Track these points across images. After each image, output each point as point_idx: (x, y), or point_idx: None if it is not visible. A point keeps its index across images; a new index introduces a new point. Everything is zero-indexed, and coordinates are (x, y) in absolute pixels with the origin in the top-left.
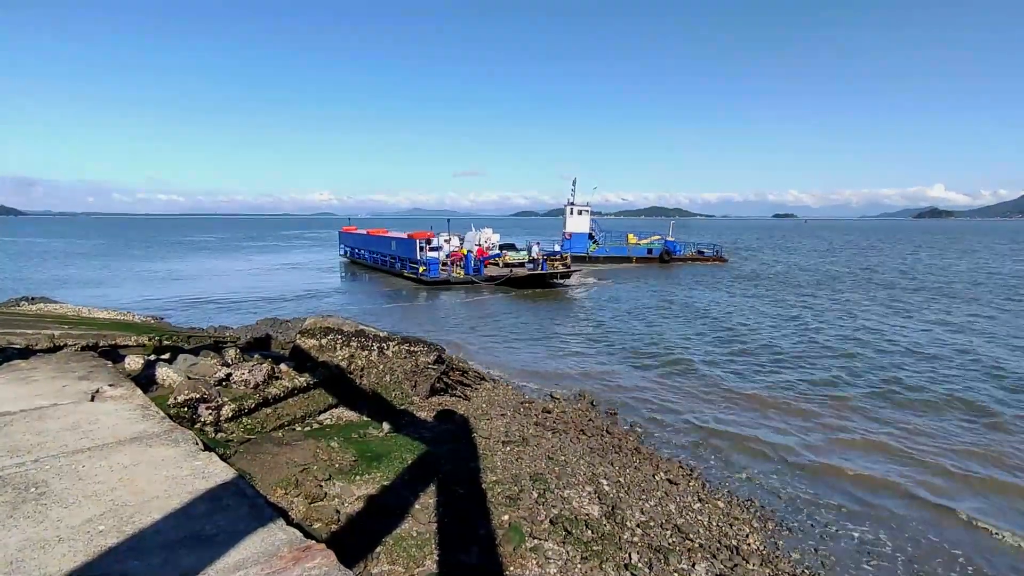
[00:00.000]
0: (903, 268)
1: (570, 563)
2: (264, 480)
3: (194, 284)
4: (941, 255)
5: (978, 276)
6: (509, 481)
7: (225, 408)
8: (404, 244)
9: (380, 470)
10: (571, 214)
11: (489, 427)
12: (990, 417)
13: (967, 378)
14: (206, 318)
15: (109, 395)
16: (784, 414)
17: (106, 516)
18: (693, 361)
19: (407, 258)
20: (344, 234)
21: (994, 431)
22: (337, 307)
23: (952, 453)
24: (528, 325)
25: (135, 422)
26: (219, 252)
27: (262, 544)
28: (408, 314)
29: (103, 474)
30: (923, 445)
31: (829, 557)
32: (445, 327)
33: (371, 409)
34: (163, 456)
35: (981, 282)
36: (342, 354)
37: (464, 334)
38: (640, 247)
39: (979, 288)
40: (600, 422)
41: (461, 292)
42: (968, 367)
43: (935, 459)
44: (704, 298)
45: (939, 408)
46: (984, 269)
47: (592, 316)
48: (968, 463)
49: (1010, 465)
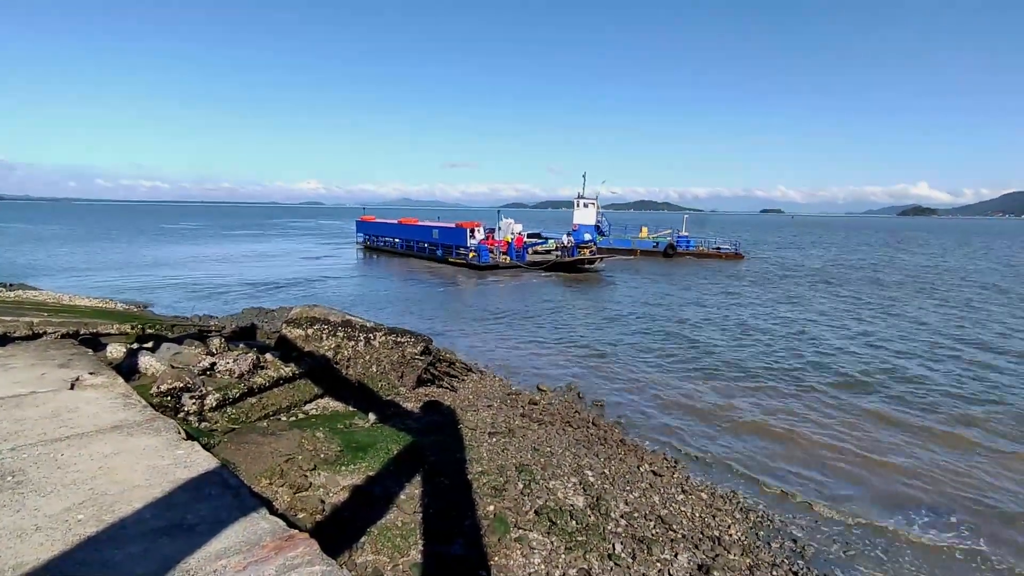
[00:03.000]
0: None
1: (554, 553)
2: (248, 470)
3: (179, 272)
4: (974, 255)
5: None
6: (495, 472)
7: (209, 398)
8: (452, 232)
9: (366, 461)
10: (579, 207)
11: (476, 418)
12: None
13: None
14: (192, 307)
15: (89, 383)
16: (774, 407)
17: (85, 505)
18: (680, 354)
19: (455, 245)
20: (362, 223)
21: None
22: (396, 288)
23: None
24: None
25: (116, 411)
26: (215, 240)
27: (244, 533)
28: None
29: (83, 463)
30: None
31: (809, 546)
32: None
33: (357, 400)
34: (144, 445)
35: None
36: (328, 344)
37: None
38: (646, 241)
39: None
40: (586, 414)
41: (507, 275)
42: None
43: (925, 461)
44: (684, 295)
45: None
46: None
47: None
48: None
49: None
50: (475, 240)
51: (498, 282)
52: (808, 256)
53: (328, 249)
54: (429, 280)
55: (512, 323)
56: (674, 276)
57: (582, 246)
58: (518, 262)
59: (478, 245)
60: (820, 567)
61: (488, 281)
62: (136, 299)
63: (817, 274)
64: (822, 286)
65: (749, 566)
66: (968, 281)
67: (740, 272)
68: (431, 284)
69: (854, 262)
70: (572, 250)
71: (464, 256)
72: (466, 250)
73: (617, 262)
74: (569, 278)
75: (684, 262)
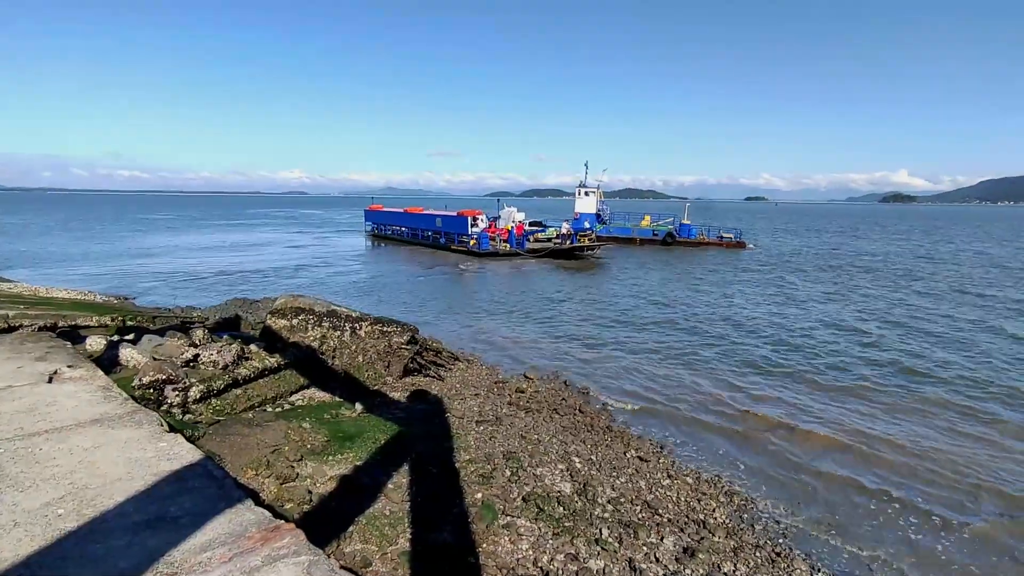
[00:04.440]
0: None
1: (542, 539)
2: (234, 462)
3: (160, 262)
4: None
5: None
6: (482, 460)
7: (193, 389)
8: (454, 221)
9: (353, 450)
10: (580, 195)
11: (463, 407)
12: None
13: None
14: (174, 298)
15: (68, 376)
16: (758, 393)
17: (65, 499)
18: (669, 341)
19: (457, 232)
20: (371, 212)
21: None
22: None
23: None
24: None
25: (96, 404)
26: (195, 230)
27: (229, 525)
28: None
29: (62, 457)
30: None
31: (791, 528)
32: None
33: (343, 390)
34: (126, 438)
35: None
36: (314, 334)
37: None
38: (645, 229)
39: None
40: (573, 401)
41: (506, 262)
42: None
43: (904, 450)
44: (674, 284)
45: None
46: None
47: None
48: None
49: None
50: (477, 228)
51: (496, 269)
52: (810, 243)
53: (310, 239)
54: (429, 266)
55: (502, 311)
56: (670, 265)
57: (581, 234)
58: (517, 249)
59: (480, 233)
60: (803, 546)
61: (487, 268)
62: (117, 291)
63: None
64: (824, 275)
65: (734, 548)
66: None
67: (738, 262)
68: (429, 270)
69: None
70: (572, 238)
71: (466, 243)
72: (467, 238)
73: (616, 250)
74: (565, 265)
75: (684, 251)
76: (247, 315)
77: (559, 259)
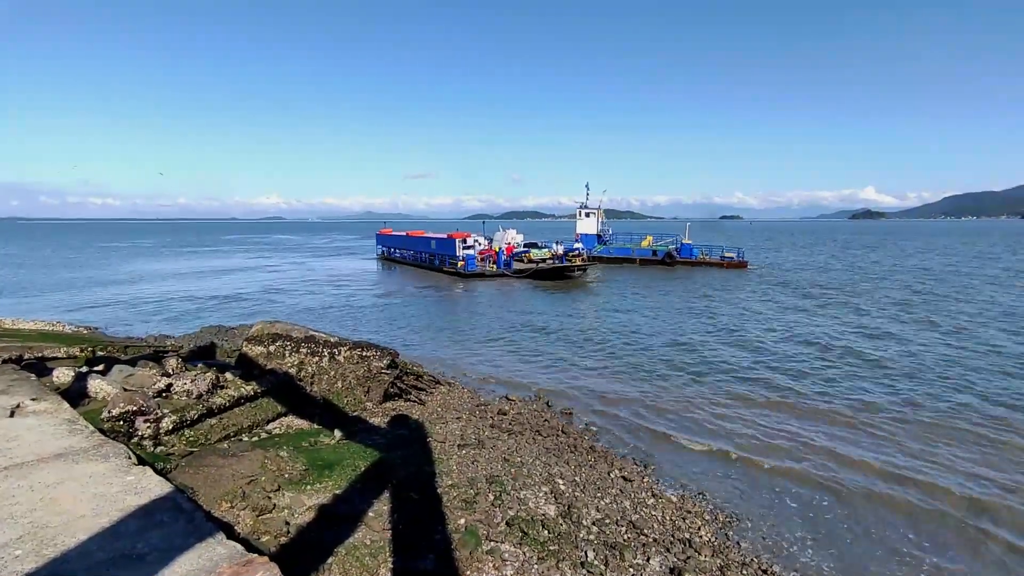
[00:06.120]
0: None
1: (527, 564)
2: (208, 494)
3: (132, 291)
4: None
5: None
6: (465, 484)
7: (165, 420)
8: (444, 243)
9: (332, 479)
10: (581, 216)
11: (444, 431)
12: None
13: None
14: (146, 327)
15: (32, 410)
16: (740, 415)
17: (24, 540)
18: (654, 361)
19: (447, 255)
20: (382, 236)
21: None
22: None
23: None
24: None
25: (60, 437)
26: (170, 258)
27: (199, 560)
28: (447, 300)
29: (22, 494)
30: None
31: (778, 544)
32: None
33: (322, 416)
34: (91, 472)
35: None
36: (291, 360)
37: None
38: (645, 249)
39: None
40: (556, 422)
41: (492, 283)
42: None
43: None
44: (658, 303)
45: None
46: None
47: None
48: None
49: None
50: (466, 251)
51: (479, 291)
52: (808, 265)
53: (289, 264)
54: (414, 289)
55: (482, 333)
56: (660, 285)
57: (571, 255)
58: (504, 270)
59: (466, 255)
60: (790, 562)
61: (472, 290)
62: (86, 320)
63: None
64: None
65: (720, 566)
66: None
67: (734, 280)
68: (413, 294)
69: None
70: (562, 258)
71: (454, 265)
72: (456, 259)
73: (613, 271)
74: (551, 286)
75: (685, 271)
76: (223, 342)
77: (547, 280)
